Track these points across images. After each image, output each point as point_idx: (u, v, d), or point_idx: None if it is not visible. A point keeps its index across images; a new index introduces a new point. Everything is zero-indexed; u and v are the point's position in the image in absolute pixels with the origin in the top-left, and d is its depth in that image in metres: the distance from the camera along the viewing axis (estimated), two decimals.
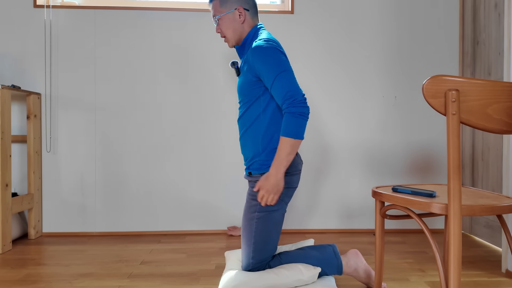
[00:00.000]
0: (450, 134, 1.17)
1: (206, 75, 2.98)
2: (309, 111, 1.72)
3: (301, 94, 1.71)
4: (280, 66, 1.73)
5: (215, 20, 1.93)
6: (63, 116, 2.93)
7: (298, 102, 1.69)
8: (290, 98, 1.70)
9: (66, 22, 2.93)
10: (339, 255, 1.86)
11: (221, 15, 1.91)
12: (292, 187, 1.89)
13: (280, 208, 1.86)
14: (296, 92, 1.70)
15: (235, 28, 1.92)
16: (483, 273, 2.14)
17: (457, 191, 1.17)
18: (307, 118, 1.71)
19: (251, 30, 1.93)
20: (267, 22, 3.00)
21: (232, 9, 1.91)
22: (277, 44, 1.81)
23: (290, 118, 1.69)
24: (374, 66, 3.05)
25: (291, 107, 1.69)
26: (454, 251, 1.18)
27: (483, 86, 1.18)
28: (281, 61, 1.74)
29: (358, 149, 3.05)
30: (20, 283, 2.00)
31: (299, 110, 1.69)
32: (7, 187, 2.52)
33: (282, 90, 1.71)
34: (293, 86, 1.71)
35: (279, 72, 1.72)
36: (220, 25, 1.93)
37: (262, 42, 1.78)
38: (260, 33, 1.91)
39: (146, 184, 2.97)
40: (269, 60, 1.73)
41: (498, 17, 2.60)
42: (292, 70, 1.76)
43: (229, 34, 1.93)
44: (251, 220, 1.85)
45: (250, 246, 1.84)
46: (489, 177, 2.68)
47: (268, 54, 1.74)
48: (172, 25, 2.97)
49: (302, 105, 1.69)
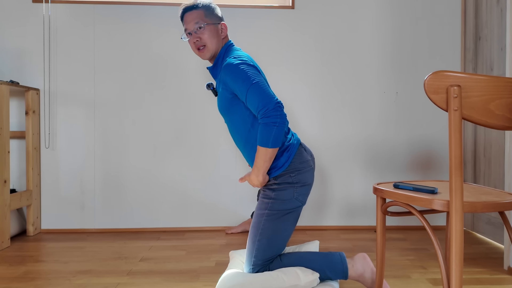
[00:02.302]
0: (452, 130, 1.15)
1: (206, 71, 2.96)
2: (283, 118, 1.74)
3: (273, 102, 1.73)
4: (249, 79, 1.75)
5: (197, 28, 1.92)
6: (62, 112, 2.92)
7: (270, 111, 1.72)
8: (263, 109, 1.72)
9: (65, 17, 2.91)
10: (345, 260, 1.80)
11: (206, 23, 1.93)
12: (306, 184, 1.88)
13: (293, 209, 1.86)
14: (267, 101, 1.72)
15: (217, 40, 1.96)
16: (485, 270, 2.12)
17: (459, 188, 1.16)
18: (281, 126, 1.73)
19: (223, 47, 1.98)
20: (267, 18, 2.98)
21: (217, 22, 1.96)
22: (247, 58, 1.86)
23: (263, 128, 1.73)
24: (375, 62, 3.03)
25: (264, 117, 1.72)
26: (456, 248, 1.17)
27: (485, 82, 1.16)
28: (249, 74, 1.77)
29: (359, 145, 3.03)
30: (19, 280, 1.99)
31: (271, 119, 1.72)
32: (6, 183, 2.51)
33: (254, 103, 1.74)
34: (263, 96, 1.73)
35: (249, 85, 1.75)
36: (203, 33, 1.93)
37: (232, 59, 1.82)
38: (230, 50, 1.96)
39: (146, 181, 2.96)
40: (238, 76, 1.77)
41: (501, 12, 2.57)
42: (262, 80, 1.78)
43: (211, 44, 1.94)
44: (261, 217, 1.85)
45: (254, 243, 1.83)
46: (491, 174, 2.66)
47: (237, 71, 1.78)
48: (172, 20, 2.94)
49: (274, 114, 1.72)
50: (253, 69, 1.80)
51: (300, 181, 1.86)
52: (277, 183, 1.86)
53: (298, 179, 1.86)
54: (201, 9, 1.94)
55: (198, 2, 1.95)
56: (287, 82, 2.99)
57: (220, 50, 1.97)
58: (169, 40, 2.94)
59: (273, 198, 1.85)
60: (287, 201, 1.84)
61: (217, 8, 2.00)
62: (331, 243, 2.65)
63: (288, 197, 1.85)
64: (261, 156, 1.76)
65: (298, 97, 3.00)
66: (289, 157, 1.86)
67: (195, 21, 1.92)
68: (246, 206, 3.00)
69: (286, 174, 1.85)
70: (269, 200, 1.85)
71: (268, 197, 1.87)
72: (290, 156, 1.87)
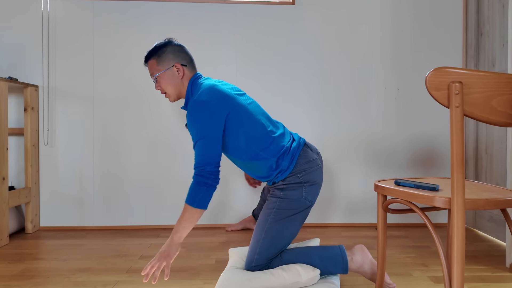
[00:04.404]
0: (453, 127, 1.15)
1: (207, 69, 2.95)
2: (215, 182, 1.77)
3: (213, 165, 1.77)
4: (199, 133, 1.77)
5: (154, 79, 1.95)
6: (61, 109, 2.91)
7: (206, 172, 1.76)
8: (200, 167, 1.76)
9: (64, 13, 2.89)
10: (345, 252, 1.80)
11: (159, 73, 1.94)
12: (315, 184, 1.88)
13: (302, 209, 1.85)
14: (207, 162, 1.76)
15: (175, 83, 1.95)
16: (486, 268, 2.11)
17: (460, 185, 1.15)
18: (212, 188, 1.76)
19: (188, 85, 1.97)
20: (268, 14, 2.96)
21: (170, 66, 1.94)
22: (209, 96, 1.82)
23: (195, 187, 1.75)
24: (376, 58, 3.01)
25: (198, 175, 1.76)
26: (458, 245, 1.16)
27: (487, 78, 1.16)
28: (202, 126, 1.78)
29: (360, 142, 3.02)
30: (18, 278, 1.98)
31: (203, 179, 1.75)
32: (4, 180, 2.49)
33: (196, 157, 1.79)
34: (206, 155, 1.77)
35: (197, 139, 1.78)
36: (159, 83, 1.95)
37: (193, 103, 1.81)
38: (196, 86, 1.94)
39: (145, 178, 2.95)
40: (193, 125, 1.79)
41: (502, 8, 2.55)
42: (212, 135, 1.78)
43: (170, 90, 1.96)
44: (267, 216, 1.85)
45: (258, 241, 1.82)
46: (493, 171, 2.65)
47: (192, 119, 1.79)
48: (171, 16, 2.93)
49: (208, 175, 1.76)
50: (209, 119, 1.79)
51: (309, 181, 1.86)
52: (285, 184, 1.86)
53: (307, 178, 1.86)
54: (153, 58, 1.95)
55: (150, 51, 1.97)
56: (287, 78, 2.98)
57: (187, 88, 1.97)
58: (169, 36, 2.93)
59: (281, 197, 1.85)
60: (295, 201, 1.84)
61: (169, 48, 1.95)
62: (332, 240, 2.64)
63: (296, 196, 1.84)
64: (184, 213, 1.75)
65: (298, 94, 2.98)
66: (292, 159, 1.87)
67: (150, 72, 1.97)
68: (246, 204, 2.99)
69: (293, 175, 1.85)
70: (277, 199, 1.85)
71: (276, 196, 1.87)
72: (293, 158, 1.87)
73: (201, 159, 1.76)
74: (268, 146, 1.86)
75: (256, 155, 1.86)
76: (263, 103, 2.97)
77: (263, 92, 2.97)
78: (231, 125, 1.83)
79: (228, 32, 2.95)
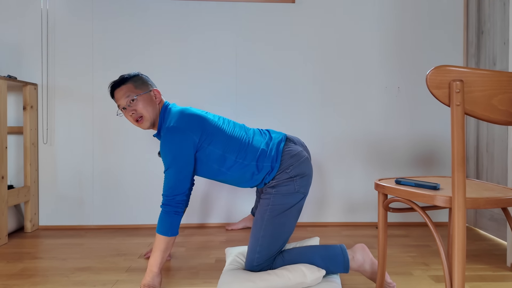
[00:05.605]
0: (454, 125, 1.14)
1: (206, 67, 2.94)
2: (183, 209, 1.83)
3: (183, 194, 1.81)
4: (171, 161, 1.80)
5: (130, 101, 1.92)
6: (60, 107, 2.90)
7: (175, 202, 1.80)
8: (170, 197, 1.80)
9: (63, 11, 2.88)
10: (346, 251, 1.80)
11: (138, 95, 1.92)
12: (305, 175, 1.89)
13: (296, 202, 1.85)
14: (177, 193, 1.80)
15: (153, 107, 1.95)
16: (487, 267, 2.10)
17: (461, 184, 1.15)
18: (180, 215, 1.81)
19: (160, 112, 1.97)
20: (268, 12, 2.95)
21: (148, 90, 1.95)
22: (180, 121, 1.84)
23: (165, 217, 1.79)
24: (377, 57, 3.00)
25: (167, 205, 1.80)
26: (458, 244, 1.16)
27: (488, 77, 1.15)
28: (174, 154, 1.80)
29: (361, 141, 3.01)
30: (16, 277, 1.97)
31: (174, 209, 1.79)
32: (3, 179, 2.49)
33: (165, 185, 1.81)
34: (175, 185, 1.80)
35: (167, 168, 1.81)
36: (136, 105, 1.92)
37: (166, 130, 1.83)
38: (168, 113, 1.95)
39: (144, 176, 2.94)
40: (165, 152, 1.82)
41: (503, 6, 2.54)
42: (183, 163, 1.81)
43: (148, 113, 1.94)
44: (263, 213, 1.85)
45: (257, 240, 1.82)
46: (494, 169, 2.64)
47: (164, 147, 1.82)
48: (172, 13, 2.92)
49: (177, 205, 1.80)
50: (180, 146, 1.81)
51: (299, 174, 1.87)
52: (276, 181, 1.87)
53: (296, 172, 1.87)
54: (129, 82, 1.95)
55: (125, 76, 1.97)
56: (287, 77, 2.97)
57: (159, 115, 1.96)
58: (169, 33, 2.92)
59: (274, 193, 1.85)
60: (289, 195, 1.84)
61: (145, 77, 2.00)
62: (332, 239, 2.63)
63: (289, 191, 1.85)
64: (158, 243, 1.78)
65: (299, 92, 2.97)
66: (275, 157, 1.89)
67: (126, 95, 1.92)
68: (246, 202, 2.98)
69: (282, 172, 1.86)
70: (271, 195, 1.86)
71: (269, 193, 1.87)
72: (277, 155, 1.89)
73: (171, 189, 1.79)
74: (244, 152, 1.89)
75: (234, 164, 1.88)
76: (263, 102, 2.96)
77: (262, 90, 2.96)
78: (205, 143, 1.86)
79: (228, 30, 2.94)
